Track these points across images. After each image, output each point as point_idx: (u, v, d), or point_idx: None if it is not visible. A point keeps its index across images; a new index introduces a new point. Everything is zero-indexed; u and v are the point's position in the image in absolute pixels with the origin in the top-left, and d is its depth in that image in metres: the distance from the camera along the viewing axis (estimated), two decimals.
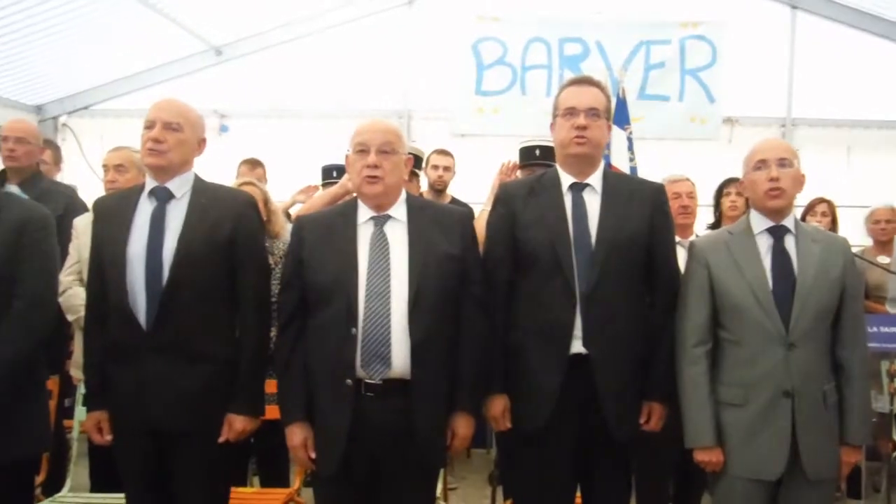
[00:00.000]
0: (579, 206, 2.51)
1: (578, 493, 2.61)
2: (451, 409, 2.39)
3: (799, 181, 2.51)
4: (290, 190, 5.01)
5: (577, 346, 2.43)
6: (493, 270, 2.52)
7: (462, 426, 2.40)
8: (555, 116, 2.59)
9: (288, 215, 4.28)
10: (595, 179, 2.55)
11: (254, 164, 4.97)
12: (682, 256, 2.67)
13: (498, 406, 2.50)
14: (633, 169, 5.10)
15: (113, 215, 2.48)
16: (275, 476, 3.66)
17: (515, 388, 2.50)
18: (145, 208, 2.45)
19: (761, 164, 2.48)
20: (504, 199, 2.62)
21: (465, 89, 6.78)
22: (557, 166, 2.61)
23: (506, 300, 2.52)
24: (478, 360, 2.41)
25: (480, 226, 2.85)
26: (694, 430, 2.45)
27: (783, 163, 2.46)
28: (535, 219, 2.51)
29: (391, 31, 6.87)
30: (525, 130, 6.28)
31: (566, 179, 2.55)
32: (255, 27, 6.96)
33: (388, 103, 6.81)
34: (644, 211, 2.51)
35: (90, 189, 6.62)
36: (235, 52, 7.05)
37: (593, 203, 2.51)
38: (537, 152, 3.60)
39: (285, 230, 3.57)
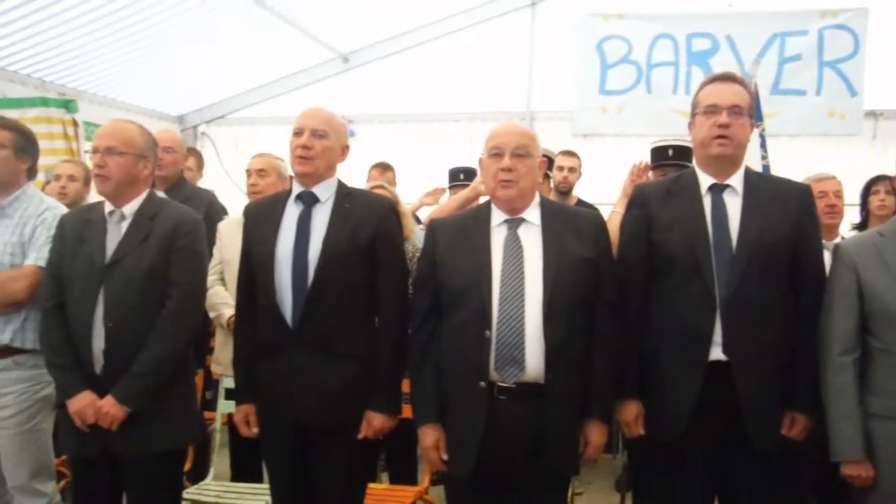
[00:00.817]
0: (719, 207, 2.41)
1: None
2: (584, 416, 2.36)
3: None
4: (418, 193, 5.10)
5: (717, 353, 2.34)
6: (628, 274, 2.47)
7: (595, 434, 2.36)
8: (694, 115, 2.50)
9: (416, 218, 4.34)
10: (736, 180, 2.44)
11: (384, 167, 5.08)
12: (826, 259, 2.52)
13: (631, 411, 2.45)
14: (766, 167, 4.89)
15: (262, 218, 2.60)
16: (403, 473, 3.73)
17: (650, 395, 2.44)
18: (292, 212, 2.56)
19: None
20: (639, 200, 2.56)
21: (589, 89, 6.70)
22: (695, 166, 2.52)
23: (641, 305, 2.46)
24: (612, 367, 2.37)
25: (611, 229, 2.80)
26: (841, 442, 2.31)
27: None
28: (673, 221, 2.43)
29: (514, 33, 6.87)
30: (650, 129, 6.17)
31: (705, 180, 2.46)
32: (381, 34, 7.14)
33: (511, 105, 6.82)
34: (789, 213, 2.39)
35: (226, 193, 7.00)
36: (362, 58, 7.26)
37: (734, 205, 2.41)
38: (670, 152, 3.49)
39: (414, 233, 3.63)
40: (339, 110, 2.68)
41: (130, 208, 2.60)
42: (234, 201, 6.85)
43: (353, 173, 5.03)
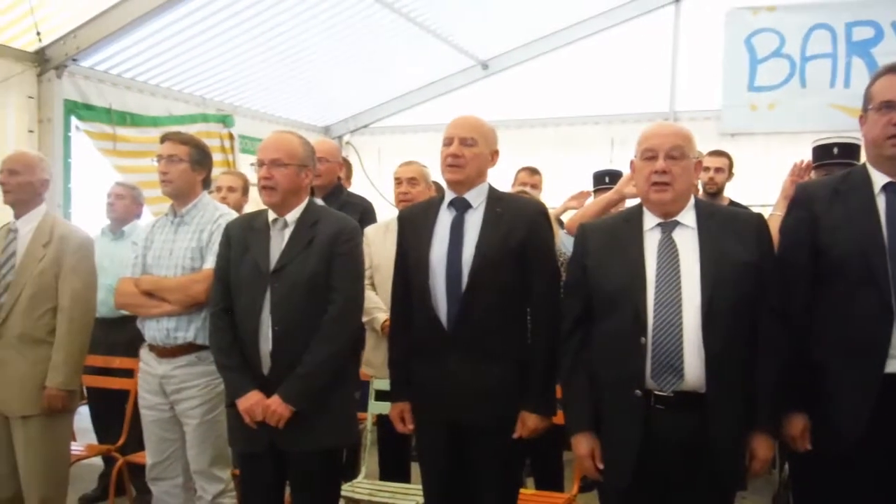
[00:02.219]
0: (895, 208, 2.23)
1: None
2: (749, 428, 2.24)
3: None
4: (559, 196, 5.06)
5: (894, 366, 2.16)
6: (791, 280, 2.32)
7: (762, 447, 2.24)
8: (866, 109, 2.31)
9: (560, 222, 4.31)
10: None
11: (532, 171, 5.09)
12: None
13: (797, 425, 2.30)
14: None
15: (417, 224, 2.66)
16: (548, 478, 3.70)
17: (817, 408, 2.28)
18: (445, 218, 2.61)
19: None
20: (803, 201, 2.40)
21: (737, 86, 6.43)
22: (867, 164, 2.34)
23: (805, 310, 2.30)
24: (777, 376, 2.23)
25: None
26: None
27: None
28: (842, 223, 2.26)
29: (656, 32, 6.70)
30: (805, 126, 5.85)
31: (879, 178, 2.27)
32: (519, 40, 7.15)
33: (654, 105, 6.65)
34: None
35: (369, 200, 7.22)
36: (501, 64, 7.30)
37: None
38: (835, 150, 3.28)
39: (558, 237, 3.60)
40: (481, 117, 2.70)
41: (293, 216, 2.72)
42: (377, 208, 7.09)
43: (496, 178, 5.08)
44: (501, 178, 5.20)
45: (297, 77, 6.94)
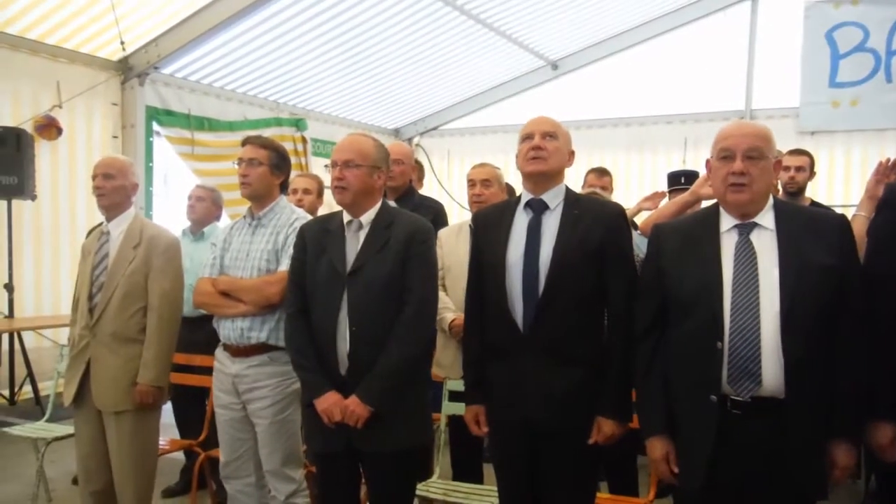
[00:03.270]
0: None
1: None
2: (829, 435, 2.18)
3: None
4: (631, 196, 5.00)
5: None
6: (881, 283, 2.23)
7: (843, 455, 2.17)
8: None
9: (633, 223, 4.25)
10: None
11: (601, 172, 5.03)
12: None
13: (885, 435, 2.21)
14: None
15: (492, 226, 2.66)
16: (623, 483, 3.66)
17: None
18: (522, 219, 2.61)
19: None
20: (892, 201, 2.32)
21: (817, 82, 6.23)
22: None
23: (894, 316, 2.22)
24: (859, 383, 2.16)
25: (854, 234, 2.57)
26: None
27: None
28: None
29: (732, 28, 6.56)
30: (891, 122, 5.63)
31: None
32: (589, 39, 7.09)
33: (729, 104, 6.51)
34: None
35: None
36: (571, 64, 7.26)
37: None
38: None
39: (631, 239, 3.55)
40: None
41: (367, 217, 2.76)
42: (447, 209, 7.12)
43: (566, 180, 5.06)
44: (571, 179, 5.19)
45: (368, 81, 7.03)
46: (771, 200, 2.29)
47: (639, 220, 4.38)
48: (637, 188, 5.64)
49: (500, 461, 2.67)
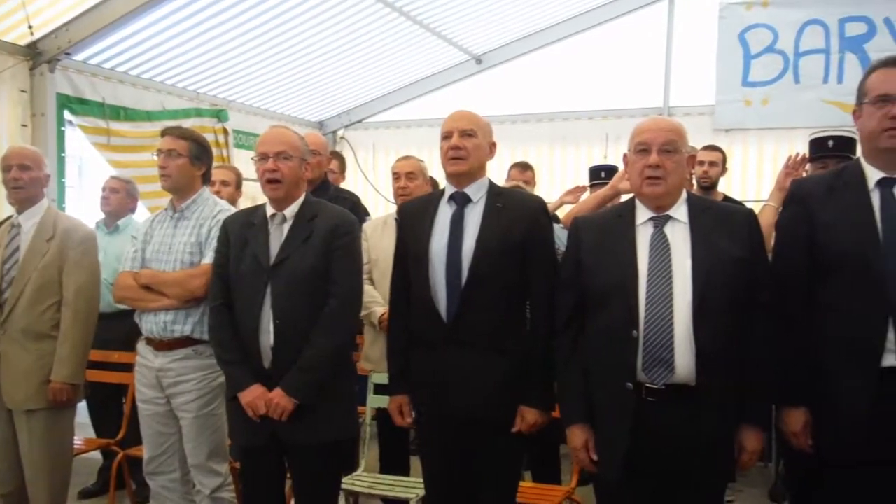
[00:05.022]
0: (890, 203, 2.24)
1: None
2: (738, 421, 2.28)
3: None
4: (554, 191, 5.09)
5: (891, 360, 2.17)
6: (789, 275, 2.34)
7: (751, 440, 2.28)
8: (861, 103, 2.32)
9: (555, 217, 4.32)
10: None
11: (524, 167, 5.10)
12: None
13: (797, 421, 2.32)
14: None
15: (417, 217, 2.68)
16: (547, 472, 3.73)
17: (814, 404, 2.30)
18: (445, 211, 2.64)
19: None
20: (799, 198, 2.41)
21: (731, 81, 6.45)
22: (861, 159, 2.36)
23: (802, 307, 2.32)
24: (767, 370, 2.27)
25: (762, 224, 2.68)
26: None
27: None
28: (837, 220, 2.28)
29: (650, 27, 6.72)
30: (799, 122, 5.89)
31: (873, 174, 2.29)
32: (513, 34, 7.16)
33: (648, 101, 6.67)
34: None
35: (364, 194, 7.23)
36: (495, 59, 7.31)
37: None
38: (831, 143, 3.31)
39: (553, 232, 3.61)
40: (473, 111, 2.72)
41: (291, 210, 2.74)
42: (371, 203, 7.10)
43: (490, 174, 5.12)
44: (495, 174, 5.24)
45: (292, 72, 6.93)
46: (684, 195, 2.37)
47: (561, 213, 4.47)
48: (560, 182, 5.74)
49: (426, 452, 2.70)
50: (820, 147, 3.40)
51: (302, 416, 2.61)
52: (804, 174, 3.36)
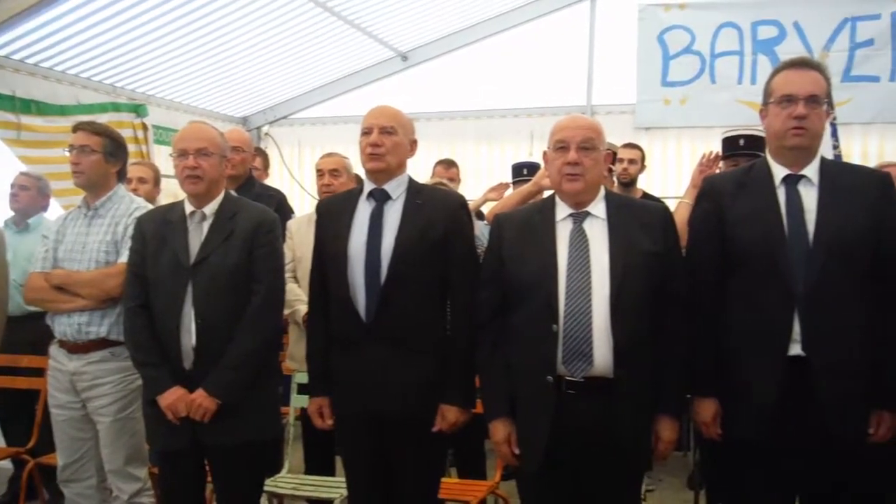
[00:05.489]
0: (794, 200, 2.34)
1: None
2: (655, 411, 2.34)
3: None
4: (480, 188, 5.12)
5: (796, 349, 2.27)
6: (700, 269, 2.43)
7: (666, 430, 2.35)
8: (767, 103, 2.42)
9: (480, 213, 4.36)
10: (811, 170, 2.36)
11: (449, 164, 5.12)
12: None
13: (708, 410, 2.40)
14: (838, 157, 4.74)
15: (335, 215, 2.66)
16: (471, 468, 3.76)
17: (726, 394, 2.39)
18: (364, 209, 2.61)
19: None
20: (709, 194, 2.50)
21: (651, 81, 6.60)
22: (768, 157, 2.46)
23: (714, 300, 2.40)
24: (681, 362, 2.34)
25: (679, 221, 2.76)
26: None
27: None
28: (746, 215, 2.37)
29: (573, 27, 6.82)
30: (715, 121, 6.07)
31: (779, 171, 2.39)
32: (439, 31, 7.16)
33: (572, 99, 6.77)
34: (868, 202, 2.30)
35: (289, 192, 7.13)
36: (421, 56, 7.30)
37: (810, 196, 2.33)
38: (741, 142, 3.43)
39: (477, 229, 3.64)
40: (399, 108, 2.72)
41: (211, 208, 2.70)
42: (297, 200, 7.01)
43: (414, 171, 5.10)
44: (420, 171, 5.25)
45: (214, 66, 6.78)
46: (602, 192, 2.42)
47: (486, 210, 4.51)
48: (485, 179, 5.77)
49: (348, 452, 2.68)
50: (731, 145, 3.52)
51: (224, 417, 2.57)
52: (717, 171, 3.48)
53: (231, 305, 2.60)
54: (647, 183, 5.09)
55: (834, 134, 4.85)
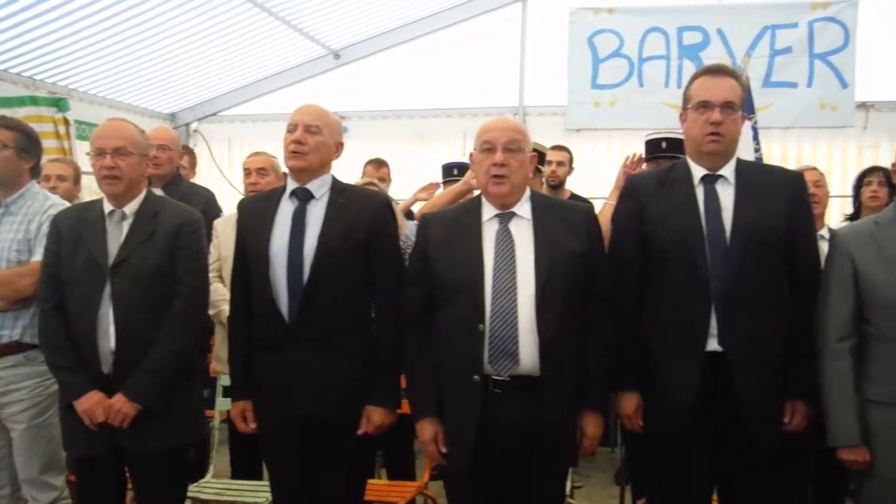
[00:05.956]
0: (712, 198, 2.42)
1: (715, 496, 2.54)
2: (580, 408, 2.38)
3: None
4: (409, 188, 5.11)
5: (713, 344, 2.35)
6: (622, 267, 2.48)
7: (591, 425, 2.39)
8: (685, 108, 2.49)
9: (410, 213, 4.35)
10: (728, 171, 2.44)
11: (379, 163, 5.10)
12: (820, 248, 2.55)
13: (630, 404, 2.46)
14: (759, 159, 4.92)
15: (256, 215, 2.61)
16: (401, 469, 3.75)
17: (648, 388, 2.45)
18: (287, 208, 2.57)
19: None
20: (631, 193, 2.57)
21: (581, 83, 6.71)
22: (687, 158, 2.53)
23: (635, 297, 2.47)
24: (606, 358, 2.39)
25: (604, 220, 2.82)
26: (838, 428, 2.34)
27: None
28: (666, 213, 2.44)
29: (505, 28, 6.88)
30: (642, 123, 6.19)
31: (697, 171, 2.46)
32: (372, 30, 7.13)
33: (504, 100, 6.83)
34: (782, 202, 2.40)
35: (218, 190, 6.99)
36: (353, 54, 7.26)
37: (727, 195, 2.41)
38: (664, 144, 3.52)
39: (406, 229, 3.64)
40: (331, 107, 2.70)
41: (131, 208, 2.62)
42: (227, 198, 6.88)
43: (347, 170, 5.07)
44: (353, 171, 5.22)
45: (141, 60, 6.59)
46: (528, 192, 2.46)
47: (416, 209, 4.50)
48: (418, 179, 5.76)
49: (272, 455, 2.64)
50: (654, 148, 3.62)
51: (145, 422, 2.51)
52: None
53: (152, 308, 2.54)
54: (578, 184, 5.17)
55: (755, 137, 5.03)
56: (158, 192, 3.84)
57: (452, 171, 4.32)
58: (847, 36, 6.25)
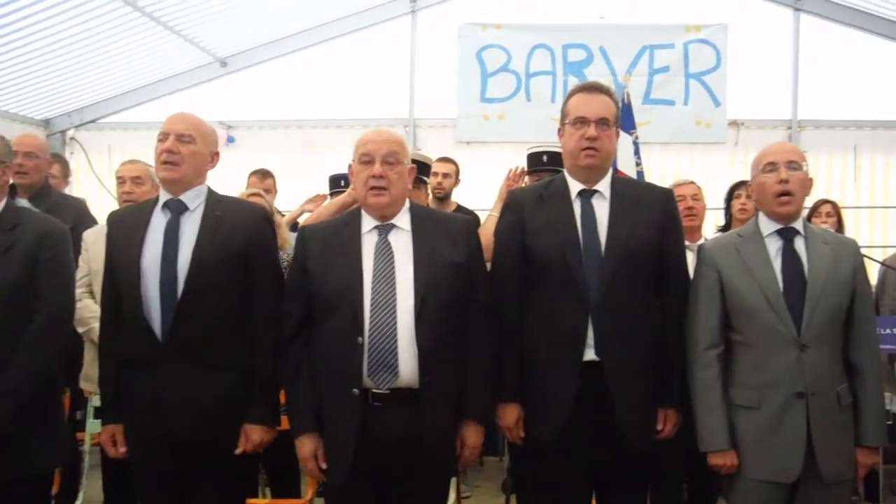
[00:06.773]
0: (588, 212, 2.48)
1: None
2: (460, 418, 2.38)
3: (807, 185, 2.51)
4: (298, 199, 5.02)
5: (590, 354, 2.40)
6: (503, 278, 2.51)
7: (471, 435, 2.39)
8: (563, 123, 2.56)
9: (296, 225, 4.27)
10: (604, 186, 2.52)
11: (264, 174, 4.99)
12: (689, 260, 2.66)
13: (511, 415, 2.48)
14: (640, 174, 5.10)
15: (127, 228, 2.49)
16: (286, 487, 3.65)
17: (528, 398, 2.48)
18: (159, 220, 2.47)
19: (770, 166, 2.47)
20: (513, 206, 2.60)
21: (470, 97, 6.81)
22: (566, 173, 2.59)
23: (516, 308, 2.49)
24: (485, 369, 2.40)
25: (487, 232, 2.85)
26: (708, 433, 2.43)
27: (792, 165, 2.45)
28: (545, 226, 2.48)
29: (395, 41, 6.91)
30: (530, 137, 6.30)
31: (575, 186, 2.53)
32: (260, 39, 7.02)
33: (394, 112, 6.84)
34: (653, 216, 2.49)
35: (99, 201, 6.68)
36: (240, 63, 7.12)
37: (602, 209, 2.49)
38: (545, 158, 3.60)
39: (289, 242, 3.57)
40: (217, 115, 2.64)
41: None
42: (107, 210, 6.56)
43: (233, 180, 4.94)
44: (240, 180, 5.08)
45: (12, 62, 6.22)
46: (407, 204, 2.45)
47: (303, 221, 4.42)
48: (307, 190, 5.67)
49: (143, 479, 2.49)
50: (536, 161, 3.70)
51: (4, 447, 2.33)
52: (523, 185, 3.63)
53: (9, 325, 2.38)
54: (467, 196, 5.21)
55: (637, 152, 5.22)
56: (24, 202, 3.64)
57: (339, 183, 4.26)
58: (719, 57, 6.62)
